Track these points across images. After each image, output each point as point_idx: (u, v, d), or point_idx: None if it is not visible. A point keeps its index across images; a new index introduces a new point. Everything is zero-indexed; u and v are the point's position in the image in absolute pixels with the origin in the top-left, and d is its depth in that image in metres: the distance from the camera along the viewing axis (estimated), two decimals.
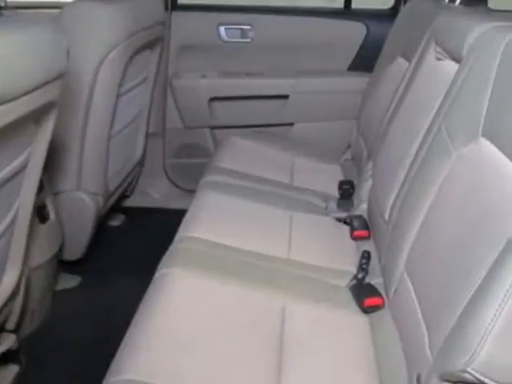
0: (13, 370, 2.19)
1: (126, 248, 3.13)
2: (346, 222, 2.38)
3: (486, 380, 1.12)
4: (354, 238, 2.27)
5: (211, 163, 2.84)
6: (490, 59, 1.52)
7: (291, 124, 3.49)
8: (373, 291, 1.86)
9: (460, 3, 2.53)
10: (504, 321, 1.09)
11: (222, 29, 3.37)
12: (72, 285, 2.77)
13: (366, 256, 2.01)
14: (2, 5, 1.70)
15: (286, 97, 3.41)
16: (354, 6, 3.50)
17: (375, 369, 1.59)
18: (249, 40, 3.39)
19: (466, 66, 1.68)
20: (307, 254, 2.10)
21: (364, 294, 1.85)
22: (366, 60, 3.33)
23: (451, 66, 1.89)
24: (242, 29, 3.38)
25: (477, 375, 1.13)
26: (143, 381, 1.39)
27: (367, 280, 1.94)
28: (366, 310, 1.80)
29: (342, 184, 2.69)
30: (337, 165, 3.11)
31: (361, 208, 2.44)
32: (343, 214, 2.44)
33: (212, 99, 3.43)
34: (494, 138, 1.40)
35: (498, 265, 1.13)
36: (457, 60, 1.85)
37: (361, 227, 2.29)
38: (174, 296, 1.72)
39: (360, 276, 1.94)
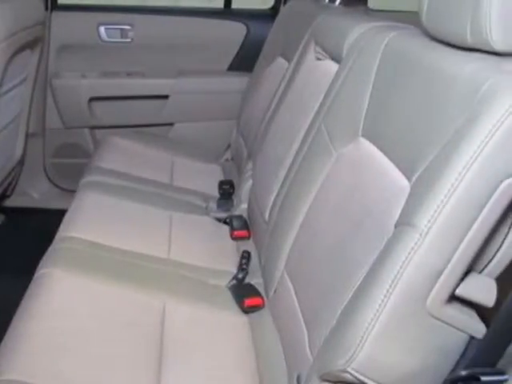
0: None
1: (6, 248, 3.03)
2: (225, 222, 2.37)
3: (366, 380, 1.13)
4: (234, 238, 2.26)
5: (91, 163, 2.78)
6: (369, 59, 1.54)
7: (171, 124, 3.45)
8: (253, 291, 1.86)
9: (340, 3, 2.57)
10: (384, 321, 1.09)
11: (102, 29, 3.31)
12: None
13: (245, 256, 2.01)
14: None
15: (166, 97, 3.38)
16: (234, 5, 3.50)
17: (255, 369, 1.59)
18: (129, 40, 3.34)
19: (345, 66, 1.70)
20: (187, 254, 2.08)
21: (244, 294, 1.85)
22: (246, 60, 3.34)
23: (331, 66, 1.91)
24: (122, 29, 3.33)
25: (356, 375, 1.13)
26: (23, 381, 1.35)
27: (247, 280, 1.94)
28: (246, 310, 1.79)
29: (221, 184, 2.69)
30: (217, 165, 3.10)
31: (241, 208, 2.44)
32: (223, 214, 2.43)
33: (92, 99, 3.35)
34: (373, 138, 1.42)
35: (378, 265, 1.14)
36: (337, 60, 1.87)
37: (241, 227, 2.29)
38: (54, 296, 1.67)
39: (240, 276, 1.94)
